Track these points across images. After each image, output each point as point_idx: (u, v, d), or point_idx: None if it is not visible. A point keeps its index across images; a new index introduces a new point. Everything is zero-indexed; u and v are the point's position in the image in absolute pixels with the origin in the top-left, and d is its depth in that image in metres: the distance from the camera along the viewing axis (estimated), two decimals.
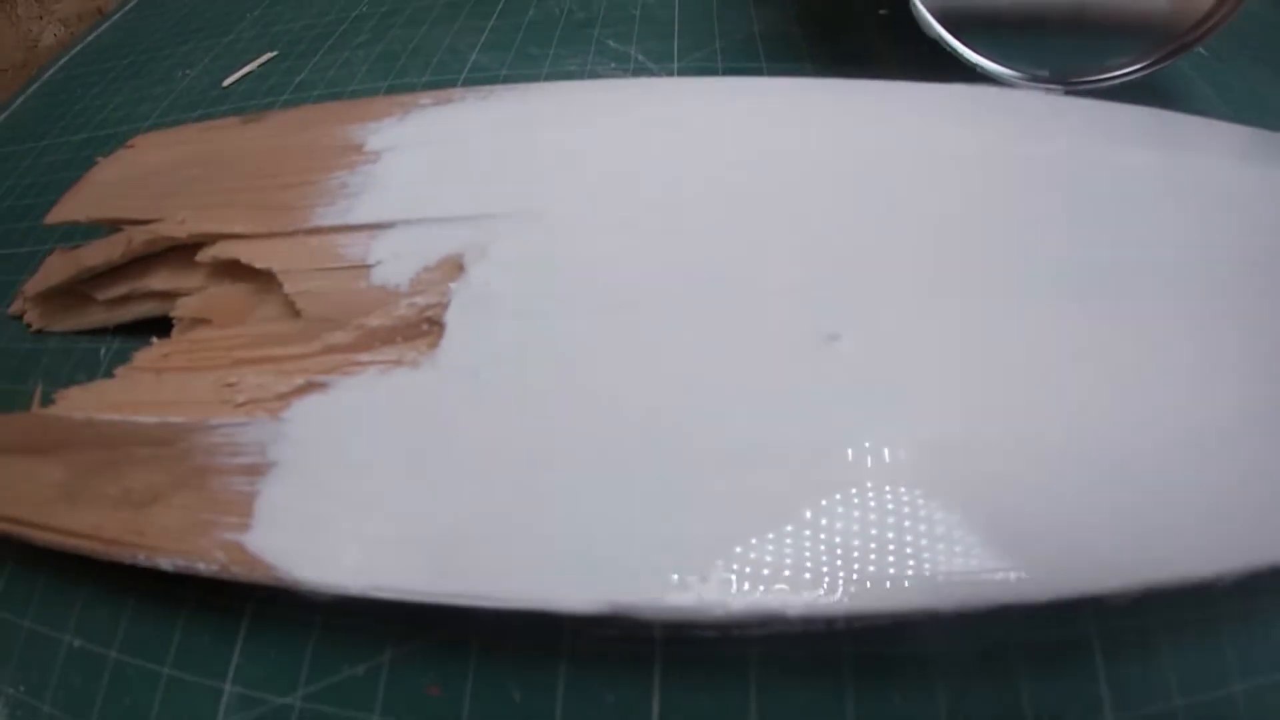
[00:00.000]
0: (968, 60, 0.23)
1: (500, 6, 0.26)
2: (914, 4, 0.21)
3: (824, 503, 0.10)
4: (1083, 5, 0.25)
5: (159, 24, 0.32)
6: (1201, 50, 0.32)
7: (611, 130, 0.16)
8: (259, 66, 0.26)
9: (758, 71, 0.22)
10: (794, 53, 0.23)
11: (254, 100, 0.24)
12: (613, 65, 0.22)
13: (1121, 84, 0.25)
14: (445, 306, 0.13)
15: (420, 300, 0.13)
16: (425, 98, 0.18)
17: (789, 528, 0.10)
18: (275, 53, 0.26)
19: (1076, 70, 0.25)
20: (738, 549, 0.10)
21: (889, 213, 0.14)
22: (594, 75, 0.22)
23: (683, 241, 0.13)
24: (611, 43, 0.24)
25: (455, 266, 0.13)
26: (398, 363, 0.12)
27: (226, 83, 0.25)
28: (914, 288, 0.13)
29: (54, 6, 0.36)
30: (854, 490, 0.10)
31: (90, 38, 0.32)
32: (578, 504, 0.10)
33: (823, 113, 0.17)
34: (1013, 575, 0.10)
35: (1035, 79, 0.25)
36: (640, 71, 0.22)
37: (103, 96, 0.27)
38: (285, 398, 0.13)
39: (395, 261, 0.14)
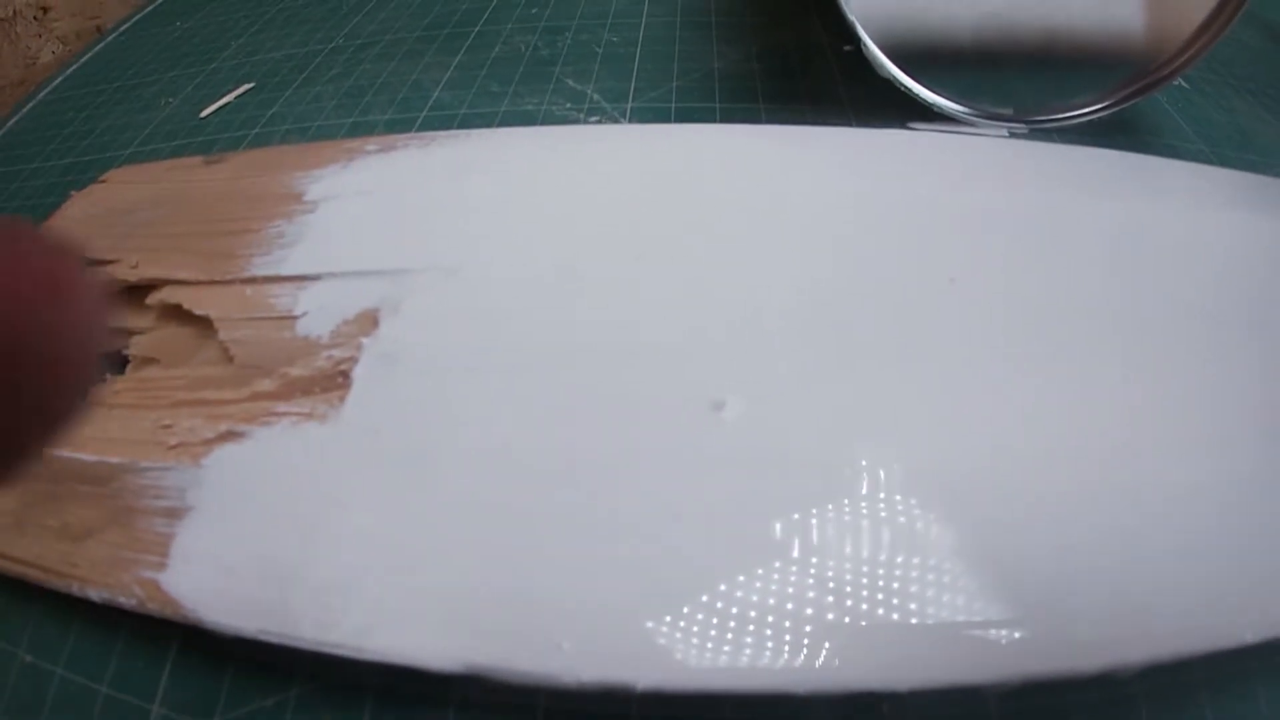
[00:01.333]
0: (924, 100, 0.23)
1: (468, 42, 0.27)
2: (865, 43, 0.22)
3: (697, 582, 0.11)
4: (1051, 38, 0.25)
5: (151, 46, 0.33)
6: (1181, 83, 0.33)
7: (538, 183, 0.17)
8: (235, 98, 0.27)
9: (711, 111, 0.23)
10: (749, 93, 0.24)
11: (228, 133, 0.25)
12: (569, 105, 0.23)
13: (1090, 121, 0.25)
14: (356, 361, 0.13)
15: (336, 353, 0.14)
16: (371, 144, 0.19)
17: (656, 603, 0.11)
18: (252, 84, 0.27)
19: (1043, 108, 0.25)
20: (602, 620, 0.11)
21: (821, 270, 0.15)
22: (549, 115, 0.23)
23: (590, 301, 0.14)
24: (570, 82, 0.24)
25: (370, 321, 0.14)
26: (309, 415, 0.13)
27: (204, 114, 0.26)
28: (828, 350, 0.13)
29: (53, 24, 0.37)
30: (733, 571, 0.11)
31: (85, 58, 0.33)
32: (448, 563, 0.11)
33: (761, 162, 0.18)
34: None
35: (997, 117, 0.25)
36: (595, 111, 0.23)
37: (90, 121, 0.28)
38: (210, 444, 0.14)
39: (319, 313, 0.14)
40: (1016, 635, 0.10)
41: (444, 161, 0.18)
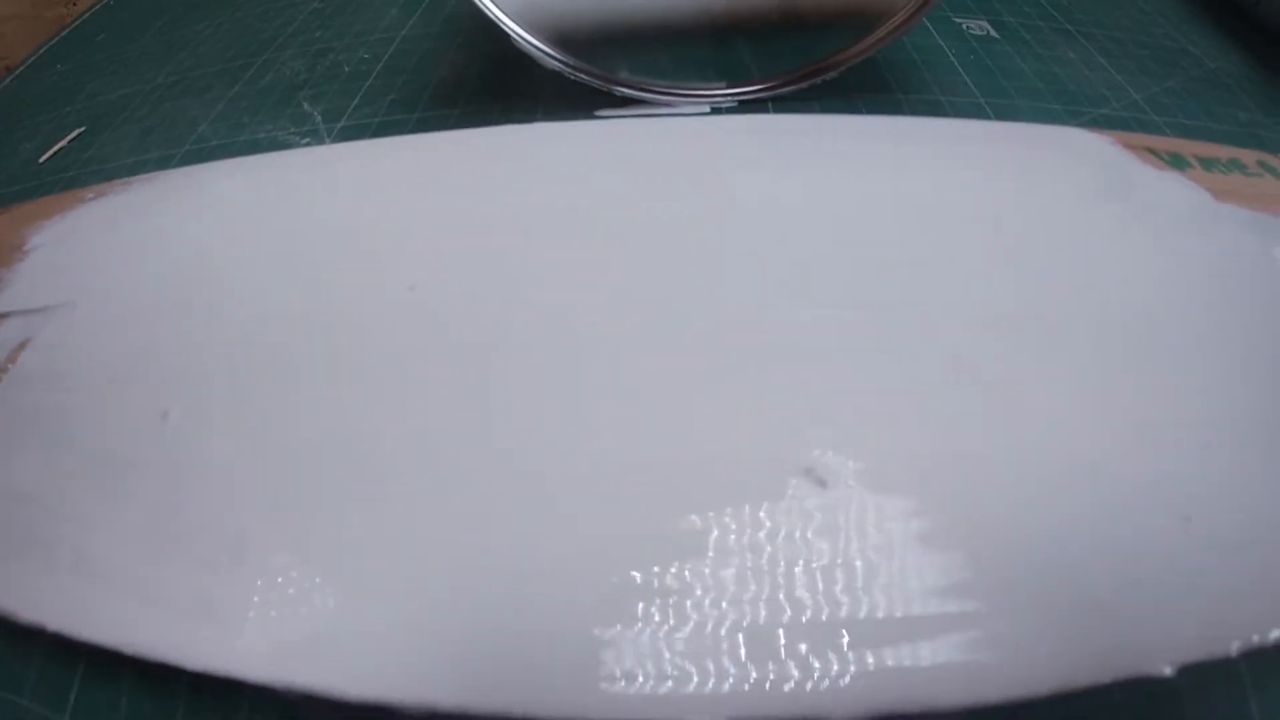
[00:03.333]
0: (621, 93, 0.25)
1: (249, 73, 0.32)
2: (515, 36, 0.24)
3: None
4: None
5: (36, 90, 0.39)
6: (990, 31, 0.34)
7: (199, 228, 0.21)
8: (68, 142, 0.32)
9: (407, 123, 0.27)
10: (449, 100, 0.28)
11: (57, 175, 0.31)
12: (292, 129, 0.28)
13: (815, 85, 0.26)
14: None
15: None
16: (90, 192, 0.24)
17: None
18: (83, 128, 0.33)
19: (753, 78, 0.26)
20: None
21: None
22: (273, 141, 0.27)
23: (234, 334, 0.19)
24: (305, 105, 0.29)
25: (12, 359, 0.19)
26: None
27: (42, 159, 0.32)
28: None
29: None
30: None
31: None
32: None
33: (443, 171, 0.21)
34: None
35: (702, 93, 0.26)
36: (310, 133, 0.27)
37: None
38: None
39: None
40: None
41: (134, 204, 0.23)
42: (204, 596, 0.14)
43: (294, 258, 0.19)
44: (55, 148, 0.32)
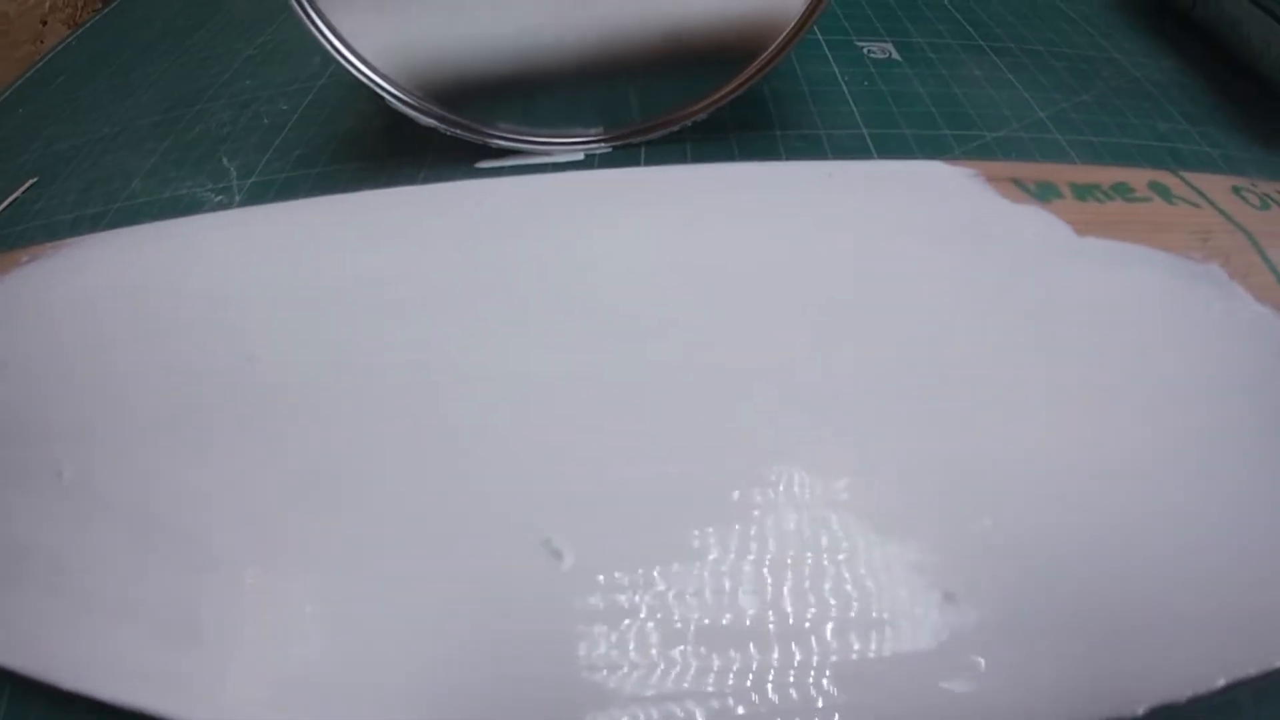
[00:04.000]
0: (497, 145, 0.27)
1: (181, 125, 0.35)
2: (386, 97, 0.26)
3: None
4: (677, 31, 0.27)
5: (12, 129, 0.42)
6: (893, 54, 0.34)
7: (93, 296, 0.24)
8: (22, 193, 0.35)
9: (307, 178, 0.30)
10: (357, 154, 0.31)
11: (10, 227, 0.34)
12: (209, 186, 0.31)
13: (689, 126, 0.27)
14: None
15: None
16: (25, 255, 0.27)
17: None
18: (36, 178, 0.36)
19: (632, 122, 0.27)
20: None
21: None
22: (193, 198, 0.30)
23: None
24: (224, 160, 0.32)
25: None
26: None
27: None
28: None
29: None
30: None
31: None
32: None
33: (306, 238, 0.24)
34: None
35: (578, 140, 0.28)
36: (224, 190, 0.30)
37: None
38: None
39: None
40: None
41: (57, 271, 0.26)
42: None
43: (158, 325, 0.22)
44: (10, 199, 0.35)
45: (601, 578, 0.15)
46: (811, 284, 0.21)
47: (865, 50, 0.37)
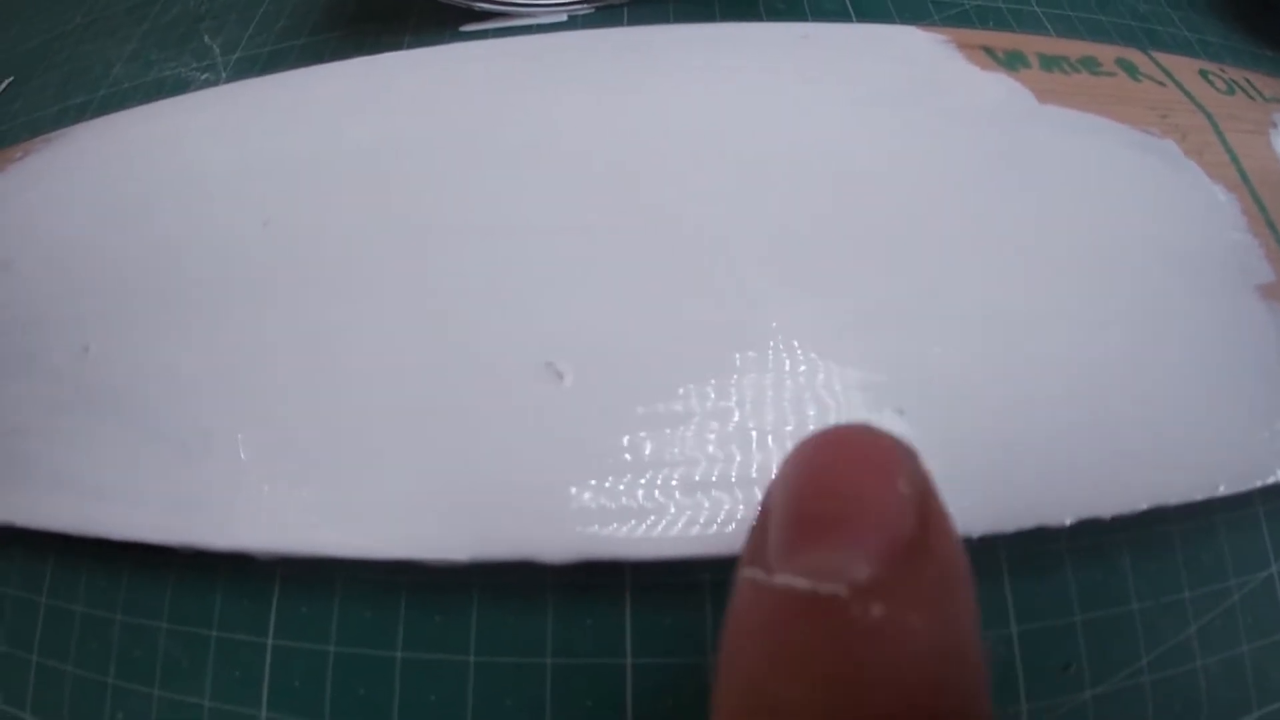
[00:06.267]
0: (481, 8, 0.26)
1: (156, 8, 0.33)
2: None
3: None
4: None
5: None
6: None
7: (103, 182, 0.24)
8: (0, 93, 0.34)
9: (293, 49, 0.28)
10: (342, 22, 0.29)
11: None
12: (194, 65, 0.29)
13: None
14: None
15: None
16: (18, 151, 0.26)
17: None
18: (12, 77, 0.34)
19: None
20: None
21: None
22: (178, 79, 0.29)
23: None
24: (206, 38, 0.30)
25: None
26: None
27: None
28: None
29: None
30: None
31: None
32: None
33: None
34: None
35: (558, 5, 0.27)
36: (209, 69, 0.29)
37: None
38: None
39: None
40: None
41: (55, 161, 0.25)
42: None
43: (174, 201, 0.21)
44: None
45: (598, 395, 0.17)
46: (783, 139, 0.21)
47: None
